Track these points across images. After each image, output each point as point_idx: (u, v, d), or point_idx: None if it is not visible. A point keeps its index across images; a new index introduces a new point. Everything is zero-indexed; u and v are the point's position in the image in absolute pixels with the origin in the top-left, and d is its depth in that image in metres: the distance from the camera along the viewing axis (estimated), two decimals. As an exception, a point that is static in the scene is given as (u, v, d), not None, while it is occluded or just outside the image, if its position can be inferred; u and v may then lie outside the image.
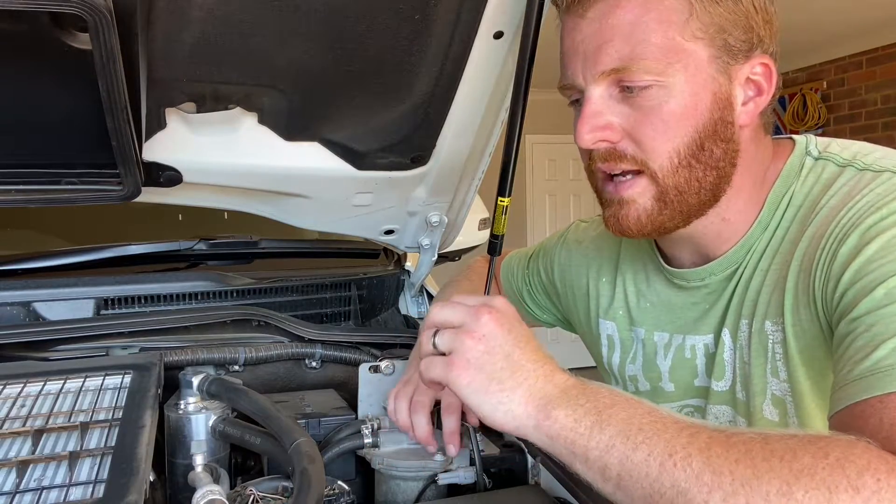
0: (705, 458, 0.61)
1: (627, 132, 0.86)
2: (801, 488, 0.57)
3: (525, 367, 0.74)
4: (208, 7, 0.85)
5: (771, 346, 0.89)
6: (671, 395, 1.03)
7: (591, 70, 0.85)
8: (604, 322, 1.13)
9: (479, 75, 1.05)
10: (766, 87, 0.87)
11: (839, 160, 0.88)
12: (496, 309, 0.78)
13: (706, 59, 0.83)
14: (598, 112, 0.86)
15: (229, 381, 0.96)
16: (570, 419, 0.70)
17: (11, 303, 1.22)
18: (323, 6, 0.89)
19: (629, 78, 0.83)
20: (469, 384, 0.74)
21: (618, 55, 0.82)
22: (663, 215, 0.88)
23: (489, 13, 0.97)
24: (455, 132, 1.16)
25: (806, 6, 4.90)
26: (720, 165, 0.87)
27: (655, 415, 0.68)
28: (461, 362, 0.75)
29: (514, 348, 0.75)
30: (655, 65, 0.82)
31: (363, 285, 1.54)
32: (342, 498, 0.83)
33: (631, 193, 0.88)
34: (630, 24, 0.82)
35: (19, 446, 0.75)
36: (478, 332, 0.76)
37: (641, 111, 0.84)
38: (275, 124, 1.09)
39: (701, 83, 0.83)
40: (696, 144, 0.85)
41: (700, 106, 0.84)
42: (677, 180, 0.86)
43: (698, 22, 0.82)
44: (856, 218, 0.79)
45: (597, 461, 0.67)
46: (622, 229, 0.90)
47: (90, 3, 0.69)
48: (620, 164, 0.87)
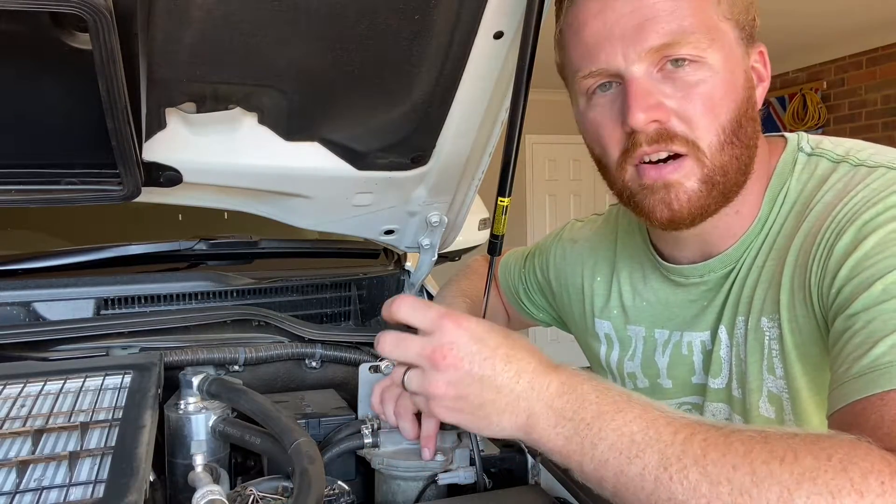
0: (701, 468, 0.60)
1: (674, 111, 0.84)
2: (804, 494, 0.56)
3: (503, 390, 0.70)
4: (208, 7, 0.85)
5: (767, 343, 0.89)
6: (669, 392, 1.04)
7: (635, 48, 0.83)
8: (599, 321, 1.13)
9: (479, 75, 1.05)
10: (765, 75, 0.91)
11: (833, 156, 0.88)
12: (449, 344, 0.72)
13: (734, 39, 0.86)
14: (648, 91, 0.83)
15: (229, 381, 0.96)
16: (560, 437, 0.68)
17: (11, 303, 1.22)
18: (323, 6, 0.89)
19: (678, 52, 0.82)
20: (458, 422, 0.74)
21: (665, 31, 0.82)
22: (710, 198, 0.86)
23: (489, 13, 0.97)
24: (455, 132, 1.16)
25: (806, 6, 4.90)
26: (751, 144, 0.88)
27: (647, 419, 0.65)
28: (441, 409, 0.73)
29: (484, 379, 0.71)
30: (703, 40, 0.82)
31: (363, 285, 1.54)
32: (342, 498, 0.83)
33: (678, 176, 0.85)
34: (672, 2, 0.82)
35: (19, 446, 0.75)
36: (441, 379, 0.72)
37: (686, 88, 0.84)
38: (275, 124, 1.09)
39: (735, 61, 0.86)
40: (736, 121, 0.85)
41: (737, 83, 0.86)
42: (723, 159, 0.85)
43: (726, 3, 0.85)
44: (852, 213, 0.79)
45: (592, 474, 0.67)
46: (672, 214, 0.86)
47: (90, 3, 0.69)
48: (671, 146, 0.84)
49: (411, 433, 0.88)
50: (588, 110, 0.91)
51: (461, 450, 0.90)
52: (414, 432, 0.88)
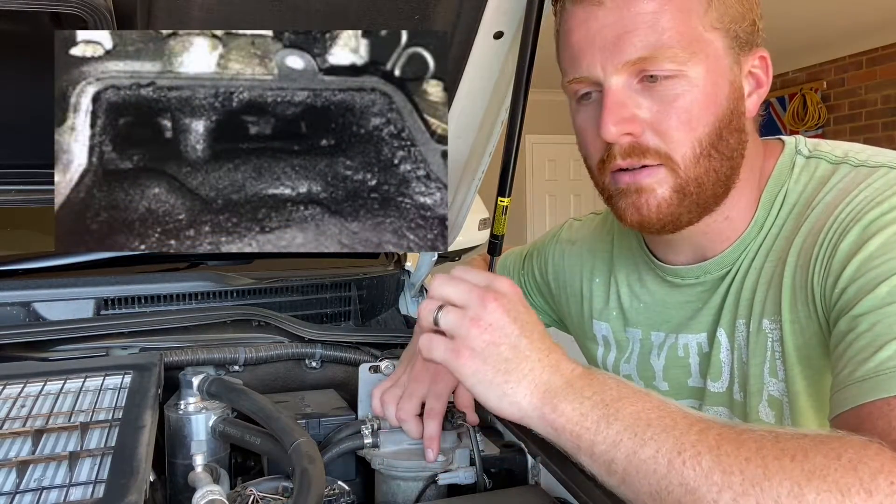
0: (715, 456, 0.60)
1: (650, 124, 0.84)
2: (813, 490, 0.56)
3: (531, 358, 0.73)
4: (208, 7, 0.85)
5: (770, 345, 0.88)
6: (665, 395, 1.03)
7: (612, 60, 0.83)
8: (598, 323, 1.13)
9: (479, 75, 1.06)
10: (764, 80, 0.89)
11: (832, 158, 0.88)
12: (502, 294, 0.75)
13: (722, 49, 0.84)
14: (623, 103, 0.84)
15: (229, 382, 0.96)
16: (576, 413, 0.68)
17: (11, 303, 1.22)
18: (323, 6, 0.89)
19: (655, 67, 0.82)
20: (474, 374, 0.73)
21: (642, 44, 0.81)
22: (682, 207, 0.87)
23: (489, 13, 0.97)
24: (455, 132, 1.16)
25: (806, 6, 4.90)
26: (734, 156, 0.87)
27: (664, 409, 0.66)
28: (466, 351, 0.73)
29: (521, 338, 0.73)
30: (682, 53, 0.81)
31: (363, 285, 1.54)
32: (342, 498, 0.83)
33: (650, 181, 0.86)
34: (653, 14, 0.81)
35: (19, 446, 0.74)
36: (483, 320, 0.73)
37: (664, 102, 0.83)
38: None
39: (720, 73, 0.84)
40: (716, 134, 0.84)
41: (720, 95, 0.84)
42: (698, 171, 0.85)
43: (716, 12, 0.83)
44: (855, 212, 0.78)
45: (603, 455, 0.66)
46: (642, 219, 0.88)
47: (90, 3, 0.69)
48: (644, 160, 0.85)
49: (416, 433, 0.88)
50: (575, 114, 0.92)
51: (461, 450, 0.90)
52: (418, 432, 0.88)
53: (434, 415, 0.89)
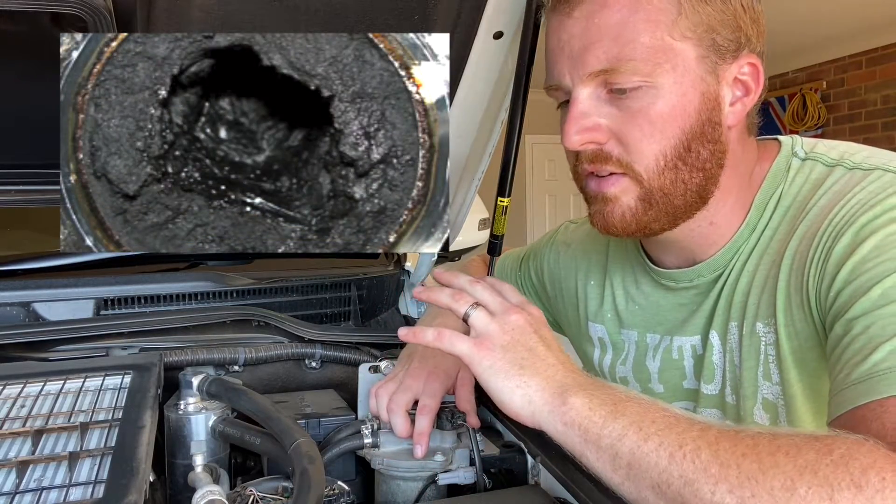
0: (713, 451, 0.63)
1: (614, 133, 0.84)
2: (805, 484, 0.57)
3: (546, 361, 0.79)
4: (208, 7, 0.85)
5: (763, 349, 0.88)
6: (661, 397, 1.03)
7: (578, 71, 0.83)
8: (593, 325, 1.13)
9: (479, 75, 1.06)
10: (753, 87, 0.86)
11: (827, 160, 0.88)
12: (530, 314, 0.83)
13: (694, 59, 0.82)
14: (586, 113, 0.84)
15: (229, 382, 0.96)
16: (585, 407, 0.72)
17: (11, 303, 1.22)
18: (323, 6, 0.89)
19: (617, 80, 0.81)
20: (491, 366, 0.78)
21: (605, 56, 0.81)
22: (648, 215, 0.87)
23: (489, 13, 0.97)
24: (455, 132, 1.16)
25: (806, 6, 4.91)
26: (707, 167, 0.86)
27: (668, 411, 0.70)
28: (487, 344, 0.80)
29: (539, 344, 0.80)
30: (644, 66, 0.80)
31: (363, 285, 1.54)
32: (342, 498, 0.83)
33: (614, 191, 0.87)
34: (618, 24, 0.80)
35: (19, 446, 0.75)
36: (508, 324, 0.81)
37: (629, 112, 0.83)
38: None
39: (689, 84, 0.82)
40: (683, 146, 0.84)
41: (688, 107, 0.83)
42: (662, 182, 0.85)
43: (687, 21, 0.81)
44: (849, 216, 0.78)
45: (608, 449, 0.69)
46: (607, 227, 0.90)
47: (90, 3, 0.69)
48: (606, 166, 0.86)
49: (403, 430, 0.89)
50: (560, 119, 0.92)
51: (461, 450, 0.91)
52: (406, 429, 0.89)
53: (426, 411, 0.90)
